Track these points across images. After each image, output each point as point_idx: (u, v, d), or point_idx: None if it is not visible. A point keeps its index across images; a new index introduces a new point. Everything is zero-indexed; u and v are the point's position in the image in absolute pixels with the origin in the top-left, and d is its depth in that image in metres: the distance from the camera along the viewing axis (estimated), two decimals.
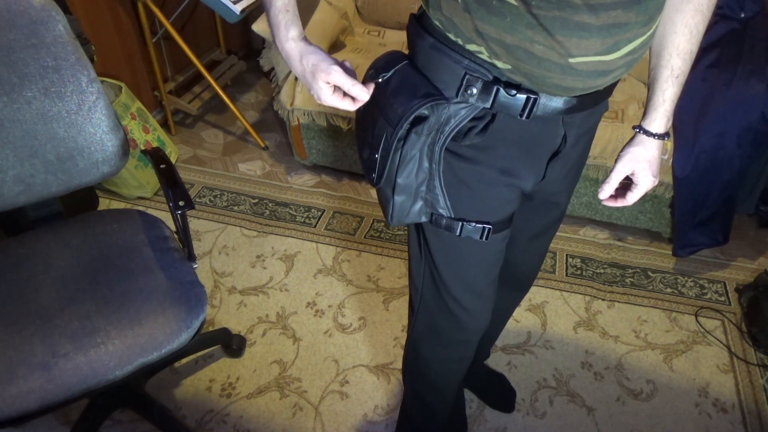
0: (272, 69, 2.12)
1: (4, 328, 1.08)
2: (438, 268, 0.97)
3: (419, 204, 0.87)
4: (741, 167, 1.71)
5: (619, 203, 0.92)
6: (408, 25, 0.82)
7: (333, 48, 2.08)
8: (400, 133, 0.77)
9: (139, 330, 1.09)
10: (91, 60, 1.43)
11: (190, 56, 2.24)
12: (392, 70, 0.80)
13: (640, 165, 0.87)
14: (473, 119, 0.77)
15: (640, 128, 0.86)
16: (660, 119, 0.84)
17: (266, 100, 2.76)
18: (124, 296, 1.14)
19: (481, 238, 0.89)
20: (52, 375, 1.02)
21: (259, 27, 1.91)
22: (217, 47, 2.79)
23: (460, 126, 0.78)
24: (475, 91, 0.74)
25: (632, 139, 0.88)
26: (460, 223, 0.87)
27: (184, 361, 1.60)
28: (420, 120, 0.77)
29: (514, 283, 1.23)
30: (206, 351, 1.62)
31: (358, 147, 0.89)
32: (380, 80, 0.81)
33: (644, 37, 0.71)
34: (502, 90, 0.74)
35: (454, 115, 0.77)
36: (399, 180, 0.83)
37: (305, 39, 0.79)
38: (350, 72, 0.78)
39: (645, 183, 0.88)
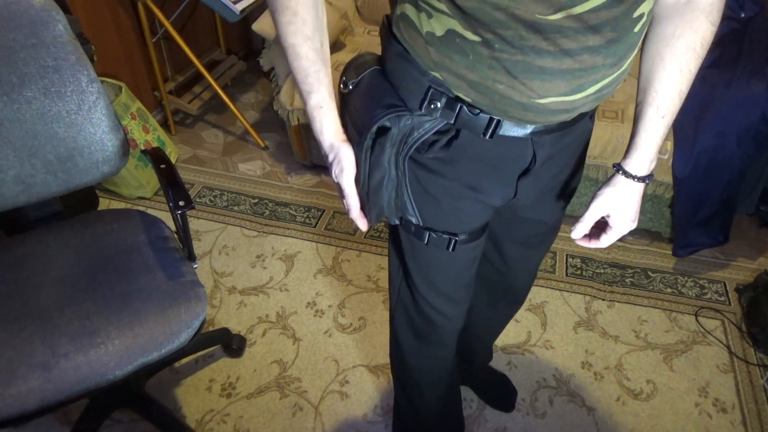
0: (272, 69, 2.12)
1: (4, 328, 1.08)
2: (410, 270, 0.97)
3: (392, 208, 0.86)
4: (741, 167, 1.71)
5: (593, 245, 0.86)
6: (381, 25, 0.80)
7: (333, 48, 2.08)
8: (366, 143, 0.76)
9: (139, 330, 1.09)
10: (91, 60, 1.43)
11: (190, 56, 2.24)
12: (360, 77, 0.79)
13: (616, 208, 0.81)
14: (437, 132, 0.76)
15: (619, 168, 0.80)
16: (641, 160, 0.78)
17: (266, 100, 2.76)
18: (124, 296, 1.14)
19: (447, 248, 0.88)
20: (52, 375, 1.02)
21: (259, 27, 1.91)
22: (217, 47, 2.79)
23: (424, 138, 0.76)
24: (439, 105, 0.73)
25: (611, 178, 0.81)
26: (428, 233, 0.87)
27: (184, 361, 1.60)
28: (384, 130, 0.76)
29: (506, 294, 1.22)
30: (206, 351, 1.62)
31: None
32: (344, 88, 0.81)
33: (612, 76, 0.69)
34: (465, 108, 0.72)
35: (418, 126, 0.75)
36: (371, 185, 0.81)
37: (338, 134, 0.79)
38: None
39: (620, 228, 0.82)
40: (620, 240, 2.02)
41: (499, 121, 0.73)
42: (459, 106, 0.72)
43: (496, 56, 0.65)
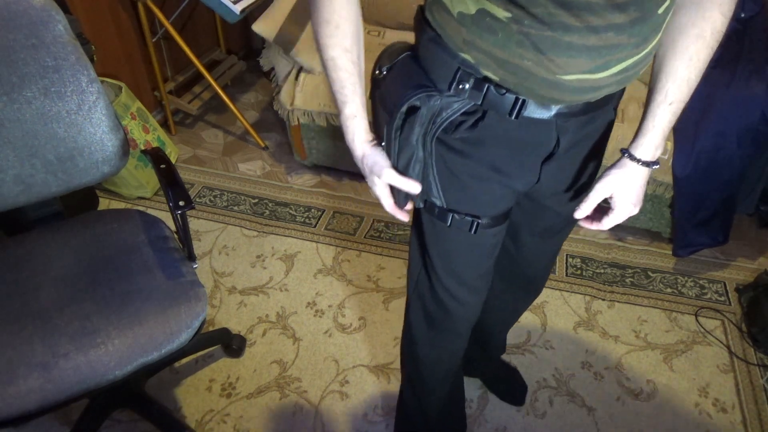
0: (272, 69, 2.12)
1: (4, 328, 1.08)
2: (430, 254, 0.99)
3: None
4: (741, 167, 1.71)
5: (594, 226, 0.89)
6: (415, 15, 0.84)
7: None
8: (396, 122, 0.79)
9: (139, 330, 1.09)
10: (91, 60, 1.43)
11: (190, 56, 2.24)
12: (393, 62, 0.82)
13: (620, 190, 0.84)
14: (465, 113, 0.78)
15: (626, 151, 0.83)
16: (647, 145, 0.81)
17: (266, 100, 2.76)
18: (124, 296, 1.14)
19: (470, 230, 0.90)
20: (52, 375, 1.02)
21: (259, 27, 1.91)
22: (217, 47, 2.79)
23: (451, 118, 0.79)
24: (467, 86, 0.75)
25: (617, 161, 0.84)
26: (451, 215, 0.89)
27: (184, 361, 1.60)
28: (414, 110, 0.79)
29: (522, 283, 1.24)
30: (206, 351, 1.62)
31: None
32: (378, 74, 0.84)
33: (637, 57, 0.71)
34: (492, 88, 0.75)
35: (446, 107, 0.78)
36: (399, 167, 0.85)
37: (369, 141, 0.84)
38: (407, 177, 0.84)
39: (622, 210, 0.85)
40: (620, 240, 2.02)
41: (524, 102, 0.75)
42: (486, 86, 0.75)
43: (525, 32, 0.66)
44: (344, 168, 2.24)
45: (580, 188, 0.96)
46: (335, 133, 2.10)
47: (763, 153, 1.73)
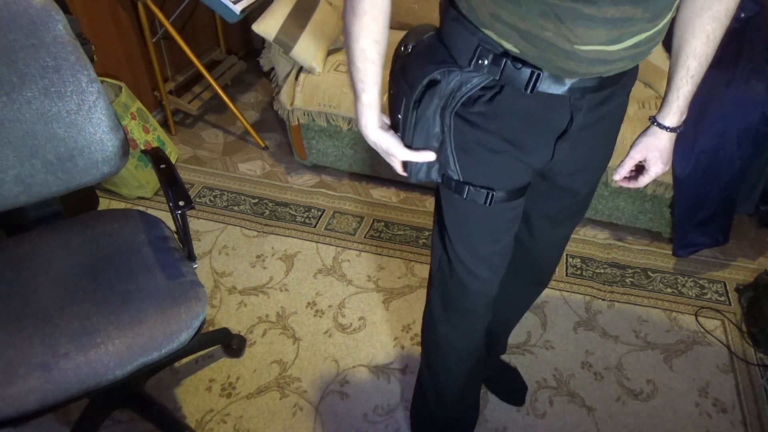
0: (272, 69, 2.12)
1: (4, 328, 1.08)
2: (449, 232, 1.02)
3: (434, 163, 0.93)
4: (741, 167, 1.71)
5: (631, 184, 1.02)
6: (440, 1, 0.88)
7: (334, 48, 2.08)
8: (416, 95, 0.84)
9: (139, 330, 1.09)
10: (91, 60, 1.43)
11: (190, 56, 2.24)
12: (419, 40, 0.87)
13: (652, 153, 0.96)
14: (483, 88, 0.83)
15: (654, 120, 0.94)
16: (673, 114, 0.91)
17: (266, 100, 2.76)
18: (124, 296, 1.14)
19: (485, 203, 0.93)
20: (52, 375, 1.02)
21: (259, 27, 1.91)
22: (217, 47, 2.79)
23: (470, 93, 0.84)
24: (486, 62, 0.80)
25: (646, 129, 0.96)
26: (467, 187, 0.92)
27: (184, 361, 1.60)
28: (434, 83, 0.83)
29: (531, 274, 1.26)
30: (206, 351, 1.62)
31: (390, 113, 0.95)
32: (404, 50, 0.89)
33: (649, 32, 0.74)
34: (509, 62, 0.79)
35: (466, 82, 0.83)
36: (415, 139, 0.89)
37: (381, 127, 0.91)
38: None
39: (655, 169, 0.97)
40: (620, 240, 2.02)
41: (539, 75, 0.79)
42: (504, 61, 0.80)
43: (549, 2, 0.70)
44: (344, 168, 2.24)
45: (594, 170, 1.03)
46: (335, 133, 2.10)
47: (763, 153, 1.73)
